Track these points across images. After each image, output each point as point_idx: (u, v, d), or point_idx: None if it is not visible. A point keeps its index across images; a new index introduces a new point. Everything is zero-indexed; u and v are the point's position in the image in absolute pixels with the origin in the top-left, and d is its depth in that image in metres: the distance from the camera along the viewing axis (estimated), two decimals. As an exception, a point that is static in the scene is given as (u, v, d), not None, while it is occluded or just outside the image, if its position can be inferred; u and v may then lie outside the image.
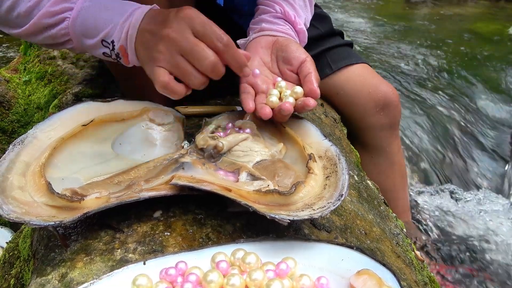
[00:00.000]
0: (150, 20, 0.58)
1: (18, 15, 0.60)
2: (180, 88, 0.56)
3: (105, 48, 0.60)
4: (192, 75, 0.55)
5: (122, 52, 0.60)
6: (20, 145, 0.56)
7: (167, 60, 0.55)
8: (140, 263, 0.44)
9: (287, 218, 0.46)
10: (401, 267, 0.59)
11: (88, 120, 0.62)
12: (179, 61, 0.55)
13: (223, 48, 0.55)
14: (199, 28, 0.55)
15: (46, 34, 0.61)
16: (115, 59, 0.61)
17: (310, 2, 0.82)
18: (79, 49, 0.63)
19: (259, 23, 0.76)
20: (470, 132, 1.78)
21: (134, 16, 0.58)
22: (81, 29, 0.60)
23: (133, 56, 0.59)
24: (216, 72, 0.55)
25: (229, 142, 0.60)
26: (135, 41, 0.58)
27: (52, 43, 0.63)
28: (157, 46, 0.55)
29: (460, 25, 3.33)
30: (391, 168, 1.06)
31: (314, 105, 0.63)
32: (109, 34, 0.59)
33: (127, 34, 0.58)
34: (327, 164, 0.58)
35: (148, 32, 0.57)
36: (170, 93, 0.56)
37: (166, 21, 0.56)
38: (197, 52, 0.54)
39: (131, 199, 0.49)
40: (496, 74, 2.25)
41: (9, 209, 0.47)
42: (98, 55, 0.62)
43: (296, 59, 0.69)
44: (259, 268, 0.43)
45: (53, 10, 0.59)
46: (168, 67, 0.55)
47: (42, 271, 0.47)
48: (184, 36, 0.54)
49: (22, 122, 1.17)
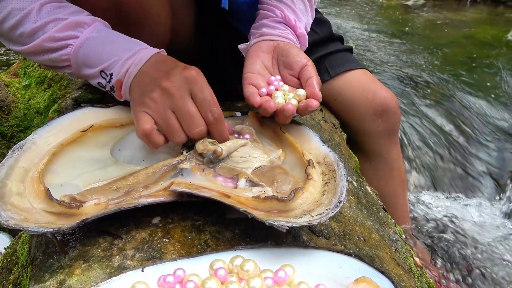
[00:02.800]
0: (153, 66, 0.59)
1: (22, 34, 0.60)
2: (159, 139, 0.57)
3: (102, 79, 0.61)
4: (177, 134, 0.57)
5: (117, 86, 0.60)
6: (19, 151, 0.56)
7: (158, 110, 0.56)
8: (138, 270, 0.44)
9: (286, 224, 0.46)
10: (400, 274, 0.59)
11: (87, 126, 0.62)
12: (170, 117, 0.56)
13: (213, 122, 0.57)
14: (198, 94, 0.56)
15: (47, 56, 0.62)
16: (108, 90, 0.62)
17: (310, 6, 0.83)
18: (76, 75, 0.64)
19: (260, 27, 0.76)
20: (470, 138, 1.78)
21: (139, 56, 0.59)
22: (83, 58, 0.61)
23: (126, 92, 0.60)
24: (200, 138, 0.58)
25: (228, 147, 0.60)
26: (132, 79, 0.59)
27: (51, 65, 0.64)
28: (152, 94, 0.56)
29: (459, 31, 3.34)
30: (390, 174, 1.05)
31: (317, 106, 0.64)
32: (110, 67, 0.60)
33: (127, 71, 0.59)
34: (326, 170, 0.58)
35: (148, 76, 0.58)
36: (148, 142, 0.57)
37: (170, 74, 0.57)
38: (189, 118, 0.56)
39: (130, 206, 0.49)
40: (495, 80, 2.26)
41: (7, 216, 0.47)
42: (92, 83, 0.63)
43: (297, 63, 0.69)
44: (257, 275, 0.43)
45: (58, 36, 0.60)
46: (155, 116, 0.56)
47: (40, 278, 0.46)
48: (183, 96, 0.56)
49: (21, 126, 1.17)
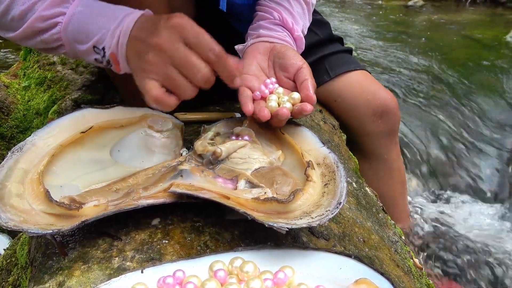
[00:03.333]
0: (140, 27, 0.56)
1: (12, 18, 0.60)
2: (171, 101, 0.55)
3: (96, 54, 0.59)
4: (184, 87, 0.54)
5: (113, 60, 0.58)
6: (19, 152, 0.56)
7: (158, 72, 0.54)
8: (137, 272, 0.44)
9: (286, 226, 0.46)
10: (400, 275, 0.59)
11: (87, 127, 0.62)
12: (171, 73, 0.54)
13: (215, 59, 0.54)
14: (191, 38, 0.53)
15: (39, 38, 0.60)
16: (106, 66, 0.60)
17: (308, 9, 0.83)
18: (72, 54, 0.62)
19: (257, 29, 0.76)
20: (470, 138, 1.78)
21: (125, 23, 0.57)
22: (73, 35, 0.59)
23: (124, 64, 0.58)
24: (209, 83, 0.55)
25: (227, 148, 0.60)
26: (126, 49, 0.56)
27: (45, 47, 0.62)
28: (147, 56, 0.54)
29: (458, 32, 3.34)
30: (390, 175, 1.05)
31: (311, 110, 0.64)
32: (100, 40, 0.58)
33: (118, 41, 0.57)
34: (326, 171, 0.58)
35: (138, 41, 0.55)
36: (162, 106, 0.55)
37: (156, 30, 0.54)
38: (190, 65, 0.53)
39: (129, 207, 0.49)
40: (494, 80, 2.26)
41: (7, 217, 0.47)
42: (90, 61, 0.61)
43: (292, 66, 0.69)
44: (257, 277, 0.43)
45: (46, 15, 0.58)
46: (159, 78, 0.54)
47: (39, 279, 0.46)
48: (176, 46, 0.53)
49: (21, 127, 1.16)
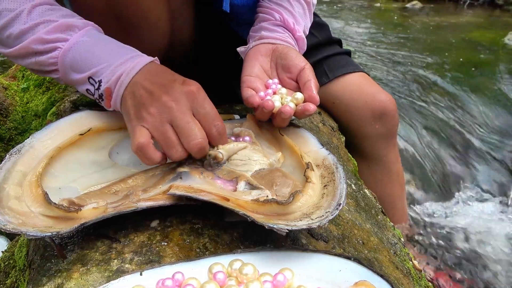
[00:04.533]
0: (149, 77, 0.56)
1: (10, 35, 0.59)
2: (155, 156, 0.54)
3: (90, 85, 0.58)
4: (175, 148, 0.54)
5: (106, 94, 0.57)
6: (17, 155, 0.56)
7: (155, 124, 0.53)
8: (136, 274, 0.44)
9: (285, 228, 0.46)
10: (399, 277, 0.59)
11: (86, 129, 0.62)
12: (167, 130, 0.53)
13: (217, 136, 0.56)
14: (199, 109, 0.54)
15: (34, 59, 0.59)
16: (97, 98, 0.59)
17: (309, 10, 0.83)
18: (64, 80, 0.61)
19: (259, 31, 0.76)
20: (468, 140, 1.79)
21: (132, 64, 0.56)
22: (71, 62, 0.58)
23: (116, 102, 0.57)
24: (200, 153, 0.55)
25: (228, 151, 0.60)
26: (125, 89, 0.56)
27: (38, 69, 0.61)
28: (150, 108, 0.54)
29: (456, 34, 3.36)
30: (389, 177, 1.05)
31: (314, 110, 0.64)
32: (99, 73, 0.57)
33: (119, 79, 0.56)
34: (325, 173, 0.58)
35: (144, 89, 0.55)
36: (143, 157, 0.54)
37: (169, 89, 0.54)
38: (188, 130, 0.53)
39: (129, 210, 0.49)
40: (492, 82, 2.27)
41: (5, 220, 0.47)
42: (81, 90, 0.60)
43: (295, 66, 0.69)
44: (256, 279, 0.43)
45: (47, 38, 0.58)
46: (152, 131, 0.54)
47: (37, 282, 0.46)
48: (182, 109, 0.53)
49: (19, 129, 1.16)
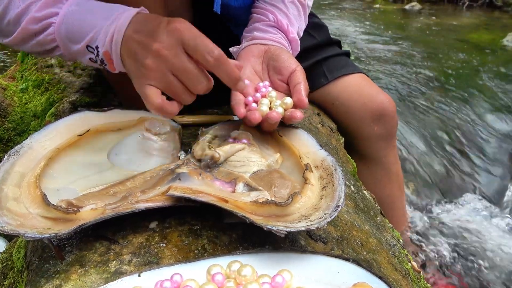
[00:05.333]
0: (137, 27, 0.55)
1: (8, 22, 0.59)
2: (173, 107, 0.55)
3: (90, 53, 0.58)
4: (184, 94, 0.55)
5: (106, 58, 0.57)
6: (15, 156, 0.55)
7: (158, 78, 0.54)
8: (135, 275, 0.44)
9: (284, 229, 0.46)
10: (398, 279, 0.59)
11: (84, 130, 0.61)
12: (172, 81, 0.54)
13: (215, 63, 0.53)
14: (190, 42, 0.53)
15: (34, 41, 0.59)
16: (100, 65, 0.59)
17: (304, 11, 0.83)
18: (68, 56, 0.61)
19: (252, 31, 0.76)
20: (467, 141, 1.79)
21: (120, 21, 0.56)
22: (66, 34, 0.58)
23: (118, 63, 0.57)
24: (207, 91, 0.56)
25: (225, 152, 0.60)
26: (120, 48, 0.55)
27: (40, 50, 0.61)
28: (146, 61, 0.53)
29: (455, 35, 3.36)
30: (388, 178, 1.05)
31: (301, 118, 0.64)
32: (94, 39, 0.57)
33: (112, 39, 0.56)
34: (324, 174, 0.58)
35: (135, 42, 0.54)
36: (165, 114, 0.55)
37: (156, 34, 0.53)
38: (190, 75, 0.53)
39: (127, 211, 0.49)
40: (490, 84, 2.27)
41: (3, 221, 0.47)
42: (85, 62, 0.60)
43: (286, 69, 0.69)
44: (255, 280, 0.43)
45: (39, 16, 0.57)
46: (159, 85, 0.54)
47: (35, 283, 0.46)
48: (176, 53, 0.53)
49: (18, 130, 1.16)
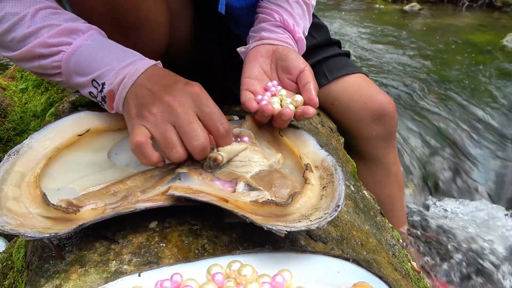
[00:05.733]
0: (151, 78, 0.56)
1: (13, 39, 0.58)
2: (154, 156, 0.53)
3: (93, 88, 0.58)
4: (174, 149, 0.53)
5: (109, 97, 0.57)
6: (15, 155, 0.55)
7: (156, 124, 0.53)
8: (135, 275, 0.44)
9: (284, 229, 0.46)
10: (398, 279, 0.59)
11: (84, 129, 0.61)
12: (168, 130, 0.52)
13: (224, 134, 0.55)
14: (204, 108, 0.53)
15: (37, 63, 0.59)
16: (99, 101, 0.59)
17: (308, 11, 0.83)
18: (66, 84, 0.61)
19: (259, 31, 0.77)
20: (466, 142, 1.79)
21: (135, 66, 0.57)
22: (74, 66, 0.58)
23: (118, 104, 0.57)
24: (202, 154, 0.54)
25: (228, 153, 0.59)
26: (128, 91, 0.56)
27: (41, 72, 0.61)
28: (152, 107, 0.53)
29: (455, 36, 3.37)
30: (388, 179, 1.06)
31: (313, 113, 0.64)
32: (102, 75, 0.57)
33: (122, 81, 0.56)
34: (324, 174, 0.58)
35: (147, 90, 0.55)
36: (140, 156, 0.53)
37: (172, 89, 0.54)
38: (191, 130, 0.52)
39: (127, 211, 0.49)
40: (491, 84, 2.28)
41: (3, 221, 0.47)
42: (83, 93, 0.60)
43: (295, 68, 0.69)
44: (255, 280, 0.43)
45: (51, 42, 0.58)
46: (153, 130, 0.53)
47: (35, 283, 0.46)
48: (185, 109, 0.53)
49: (18, 130, 1.16)
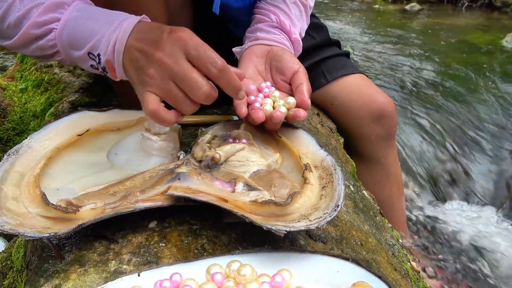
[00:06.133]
0: (140, 36, 0.55)
1: (9, 25, 0.58)
2: (169, 116, 0.54)
3: (92, 60, 0.58)
4: (184, 103, 0.53)
5: (108, 67, 0.57)
6: (15, 155, 0.55)
7: (158, 85, 0.53)
8: (134, 275, 0.44)
9: (284, 229, 0.46)
10: (397, 279, 0.59)
11: (84, 129, 0.62)
12: (171, 88, 0.53)
13: (218, 73, 0.53)
14: (192, 52, 0.52)
15: (35, 45, 0.59)
16: (102, 72, 0.59)
17: (306, 12, 0.83)
18: (69, 61, 0.61)
19: (255, 31, 0.77)
20: (466, 142, 1.79)
21: (122, 29, 0.55)
22: (68, 40, 0.57)
23: (120, 71, 0.57)
24: (209, 100, 0.54)
25: (226, 152, 0.60)
26: (123, 56, 0.55)
27: (41, 55, 0.61)
28: (148, 69, 0.53)
29: (455, 36, 3.37)
30: (387, 179, 1.06)
31: (305, 117, 0.64)
32: (95, 46, 0.56)
33: (114, 48, 0.55)
34: (323, 174, 0.58)
35: (138, 51, 0.54)
36: (159, 121, 0.54)
37: (159, 43, 0.53)
38: (190, 81, 0.52)
39: (127, 210, 0.49)
40: (490, 84, 2.28)
41: (3, 221, 0.47)
42: (86, 68, 0.60)
43: (289, 69, 0.69)
44: (254, 280, 0.43)
45: (40, 21, 0.57)
46: (159, 93, 0.53)
47: (35, 282, 0.46)
48: (177, 61, 0.52)
49: (17, 130, 1.16)
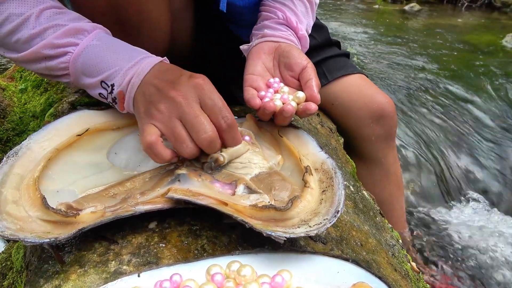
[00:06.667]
0: (158, 75, 0.56)
1: (18, 40, 0.58)
2: (165, 153, 0.53)
3: (103, 89, 0.58)
4: (184, 143, 0.53)
5: (119, 98, 0.58)
6: (14, 157, 0.55)
7: (164, 121, 0.53)
8: (134, 275, 0.44)
9: (284, 235, 0.45)
10: (397, 279, 0.59)
11: (83, 129, 0.61)
12: (176, 126, 0.53)
13: (226, 128, 0.54)
14: (208, 100, 0.53)
15: (44, 64, 0.59)
16: (110, 102, 0.60)
17: (312, 8, 0.84)
18: (75, 84, 0.61)
19: (262, 29, 0.77)
20: (466, 142, 1.79)
21: (141, 65, 0.57)
22: (82, 66, 0.58)
23: (129, 104, 0.58)
24: (211, 148, 0.54)
25: (230, 154, 0.59)
26: (136, 90, 0.56)
27: (47, 74, 0.61)
28: (159, 104, 0.53)
29: (454, 36, 3.37)
30: (387, 179, 1.06)
31: (316, 110, 0.65)
32: (111, 77, 0.57)
33: (130, 82, 0.56)
34: (323, 177, 0.58)
35: (153, 86, 0.55)
36: (153, 154, 0.53)
37: (176, 83, 0.54)
38: (198, 123, 0.52)
39: (127, 214, 0.49)
40: (490, 85, 2.28)
41: (3, 226, 0.46)
42: (93, 94, 0.60)
43: (297, 65, 0.70)
44: (254, 280, 0.43)
45: (57, 43, 0.57)
46: (162, 128, 0.53)
47: (35, 283, 0.46)
48: (190, 103, 0.53)
49: (17, 130, 1.16)
